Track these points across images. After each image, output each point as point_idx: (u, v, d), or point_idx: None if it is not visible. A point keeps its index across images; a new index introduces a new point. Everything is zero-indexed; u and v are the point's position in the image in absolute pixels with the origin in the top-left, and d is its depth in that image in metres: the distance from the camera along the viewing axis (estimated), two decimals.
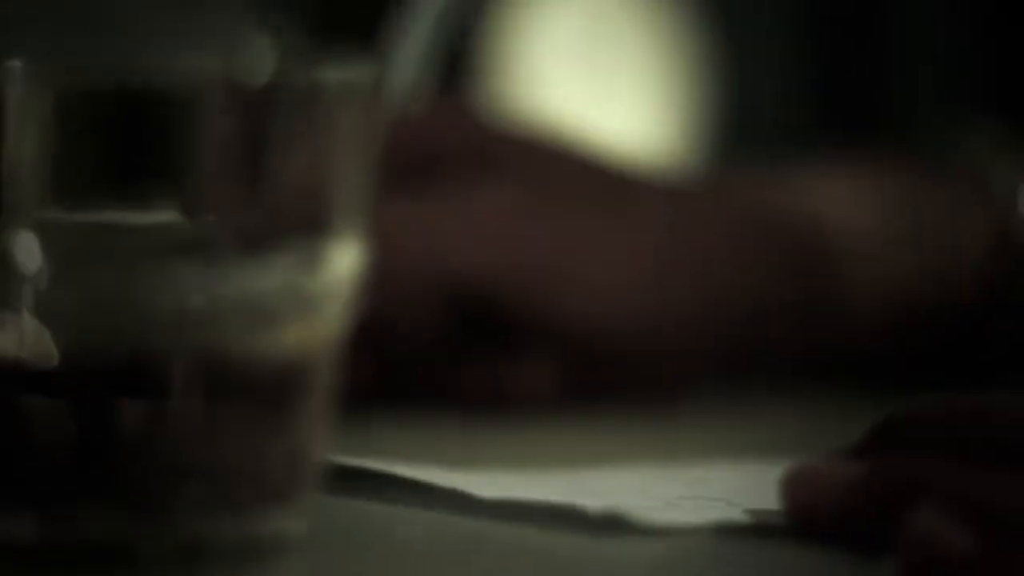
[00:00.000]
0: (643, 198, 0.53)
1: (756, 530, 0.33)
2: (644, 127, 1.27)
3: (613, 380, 0.50)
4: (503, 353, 0.49)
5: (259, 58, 0.30)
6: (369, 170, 0.31)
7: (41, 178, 0.29)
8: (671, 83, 1.30)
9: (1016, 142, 0.68)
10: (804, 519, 0.32)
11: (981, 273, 0.55)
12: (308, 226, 0.30)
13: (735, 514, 0.33)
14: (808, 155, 0.61)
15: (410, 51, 0.54)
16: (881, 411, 0.33)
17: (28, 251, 0.29)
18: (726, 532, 0.33)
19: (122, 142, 0.29)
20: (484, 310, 0.49)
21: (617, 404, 0.49)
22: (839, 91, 1.44)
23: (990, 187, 0.56)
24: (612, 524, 0.33)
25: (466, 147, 0.51)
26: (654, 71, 1.30)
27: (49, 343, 0.29)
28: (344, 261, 0.31)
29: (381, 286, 0.34)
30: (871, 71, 1.42)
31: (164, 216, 0.29)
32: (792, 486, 0.32)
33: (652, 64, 1.30)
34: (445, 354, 0.49)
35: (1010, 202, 0.56)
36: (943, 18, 1.41)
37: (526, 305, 0.49)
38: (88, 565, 0.29)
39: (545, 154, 0.52)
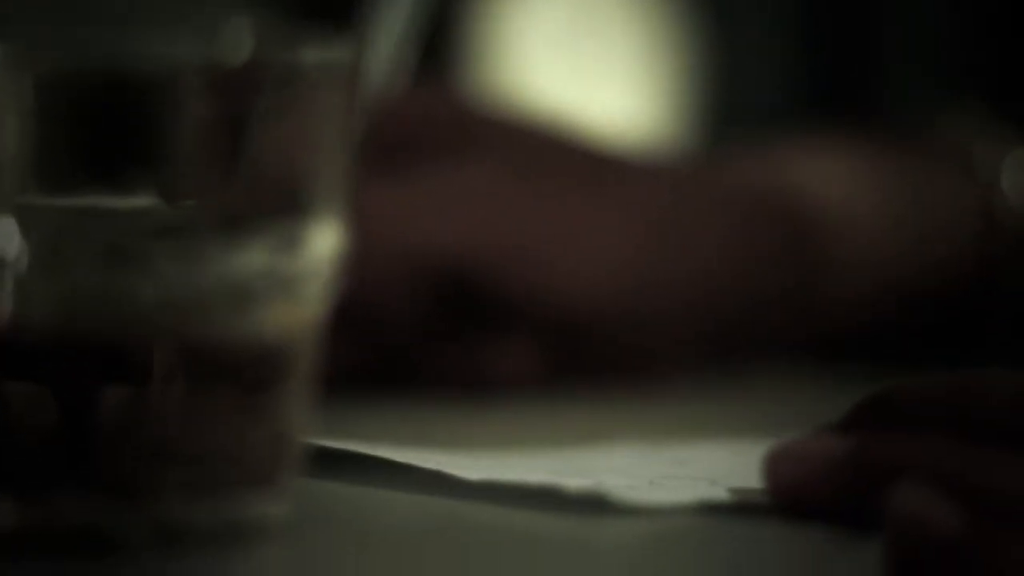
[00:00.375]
0: (627, 178, 0.53)
1: (740, 509, 0.33)
2: (632, 110, 1.27)
3: (596, 361, 0.50)
4: (485, 335, 0.49)
5: (238, 40, 0.29)
6: (349, 151, 0.31)
7: (20, 163, 0.29)
8: (659, 66, 1.30)
9: (999, 121, 0.68)
10: (789, 497, 0.32)
11: (971, 251, 0.55)
12: (288, 207, 0.30)
13: (719, 493, 0.33)
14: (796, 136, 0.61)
15: (388, 33, 0.53)
16: (869, 388, 0.33)
17: (7, 236, 0.28)
18: (709, 511, 0.33)
19: (101, 126, 0.29)
20: (465, 291, 0.48)
21: (601, 385, 0.49)
22: (827, 76, 1.44)
23: (975, 166, 0.56)
24: (594, 504, 0.32)
25: (446, 127, 0.51)
26: (642, 54, 1.30)
27: (29, 328, 0.29)
28: (324, 242, 0.31)
29: (361, 268, 0.33)
30: (859, 55, 1.42)
31: (144, 200, 0.29)
32: (776, 463, 0.32)
33: (640, 47, 1.30)
34: (426, 336, 0.49)
35: (994, 181, 0.56)
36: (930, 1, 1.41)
37: (506, 285, 0.49)
38: (68, 550, 0.29)
39: (526, 134, 0.52)
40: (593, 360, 0.50)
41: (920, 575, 0.31)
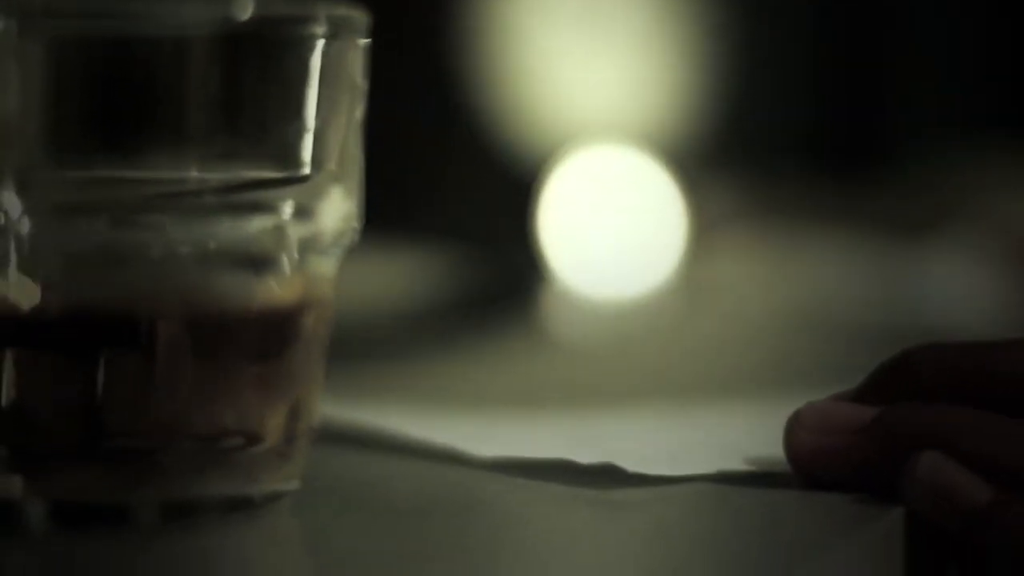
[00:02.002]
0: None
1: (758, 478, 0.32)
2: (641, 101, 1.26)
3: None
4: None
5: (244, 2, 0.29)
6: (357, 117, 0.31)
7: (25, 130, 0.28)
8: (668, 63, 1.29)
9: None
10: (809, 466, 0.32)
11: None
12: (298, 173, 0.30)
13: (736, 463, 0.33)
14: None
15: None
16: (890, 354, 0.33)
17: (13, 204, 0.28)
18: (726, 480, 0.32)
19: (107, 94, 0.29)
20: None
21: None
22: (840, 108, 1.44)
23: None
24: (609, 476, 0.32)
25: None
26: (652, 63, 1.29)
27: (36, 295, 0.28)
28: (335, 209, 0.30)
29: None
30: (872, 92, 1.42)
31: (151, 168, 0.28)
32: (796, 432, 0.32)
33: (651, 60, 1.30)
34: None
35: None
36: (944, 42, 1.41)
37: None
38: (77, 522, 0.28)
39: None
40: None
41: (945, 544, 0.31)
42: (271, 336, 0.30)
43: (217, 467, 0.29)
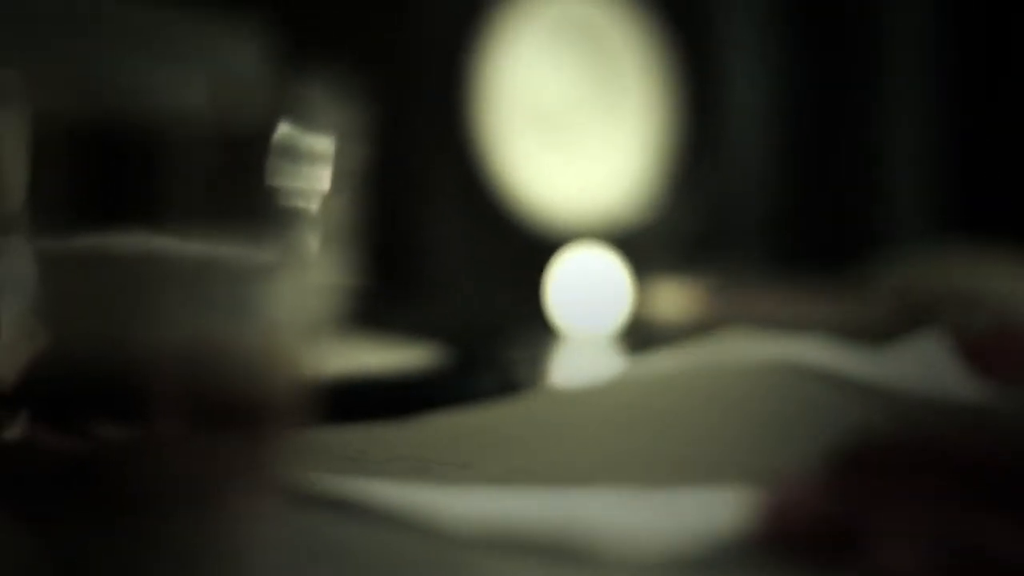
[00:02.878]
0: None
1: (722, 558, 0.33)
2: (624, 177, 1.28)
3: None
4: None
5: (244, 84, 0.29)
6: (349, 195, 0.31)
7: (21, 199, 0.29)
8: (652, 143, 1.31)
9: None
10: (774, 543, 0.32)
11: None
12: (287, 249, 0.30)
13: (700, 539, 0.33)
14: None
15: None
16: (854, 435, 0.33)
17: (3, 276, 0.29)
18: (691, 563, 0.33)
19: (101, 167, 0.29)
20: None
21: None
22: (818, 191, 1.45)
23: None
24: (576, 553, 0.33)
25: None
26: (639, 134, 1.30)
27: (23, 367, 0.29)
28: (317, 287, 0.31)
29: None
30: (851, 173, 1.43)
31: (145, 243, 0.29)
32: (763, 514, 0.33)
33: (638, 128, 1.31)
34: None
35: None
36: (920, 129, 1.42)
37: None
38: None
39: None
40: None
41: None
42: (256, 406, 0.30)
43: (190, 518, 0.30)
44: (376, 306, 0.74)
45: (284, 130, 0.30)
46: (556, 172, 1.26)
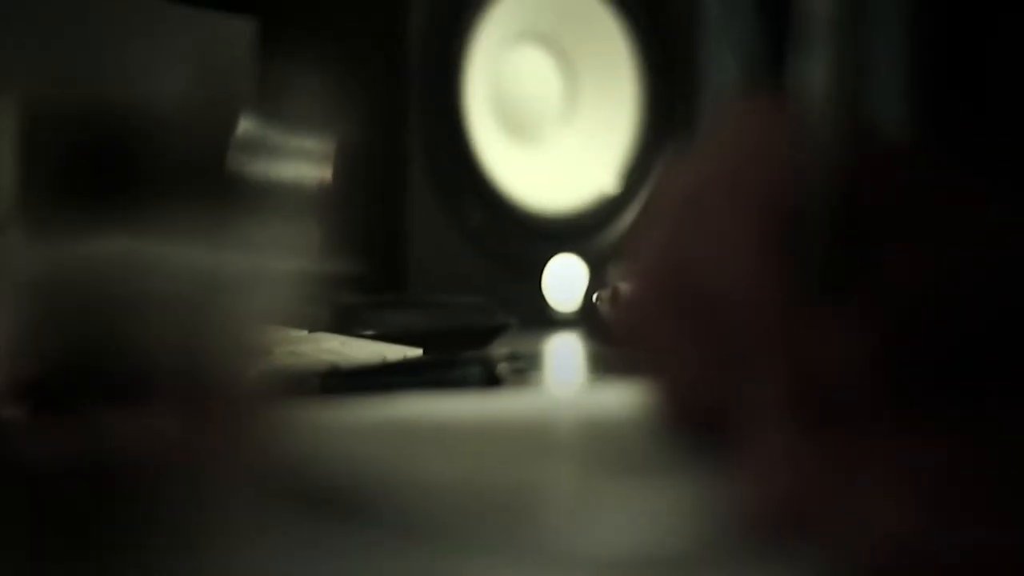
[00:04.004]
0: None
1: (715, 557, 0.32)
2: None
3: None
4: None
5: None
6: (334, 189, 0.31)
7: (10, 202, 0.29)
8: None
9: None
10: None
11: None
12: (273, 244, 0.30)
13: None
14: None
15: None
16: None
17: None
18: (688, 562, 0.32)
19: (91, 167, 0.29)
20: None
21: None
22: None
23: None
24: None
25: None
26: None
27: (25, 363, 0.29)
28: (298, 280, 0.31)
29: None
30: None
31: (134, 242, 0.29)
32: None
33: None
34: None
35: None
36: None
37: None
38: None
39: None
40: None
41: None
42: (243, 395, 0.30)
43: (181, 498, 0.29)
44: (361, 303, 0.74)
45: (268, 123, 0.30)
46: (541, 171, 1.26)
